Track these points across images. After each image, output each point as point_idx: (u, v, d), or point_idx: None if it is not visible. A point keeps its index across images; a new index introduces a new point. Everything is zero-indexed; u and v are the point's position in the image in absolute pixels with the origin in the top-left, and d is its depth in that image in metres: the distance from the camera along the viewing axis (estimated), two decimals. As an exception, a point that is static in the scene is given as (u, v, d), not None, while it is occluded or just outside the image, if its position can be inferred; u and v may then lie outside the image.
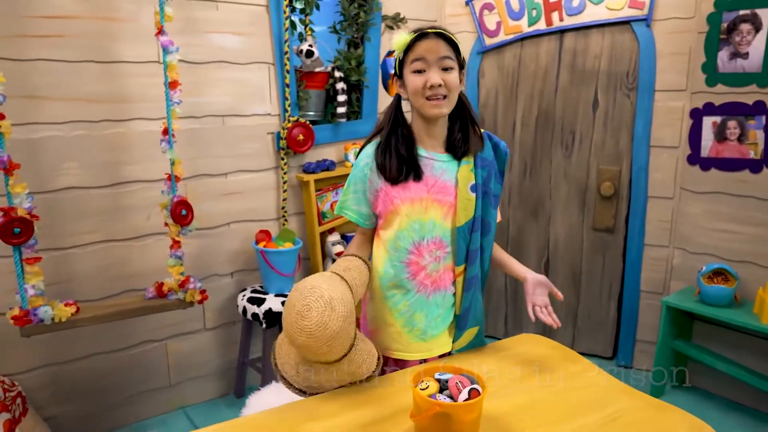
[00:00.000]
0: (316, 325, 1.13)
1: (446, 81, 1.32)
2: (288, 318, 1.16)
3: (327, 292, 1.17)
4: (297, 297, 1.17)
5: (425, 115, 1.37)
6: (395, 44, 1.35)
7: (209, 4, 2.30)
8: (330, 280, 1.23)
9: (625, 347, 2.89)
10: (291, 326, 1.15)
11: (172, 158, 2.01)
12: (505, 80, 2.97)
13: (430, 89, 1.31)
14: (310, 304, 1.15)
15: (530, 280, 1.48)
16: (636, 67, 2.65)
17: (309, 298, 1.16)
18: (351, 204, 1.45)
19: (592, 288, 2.96)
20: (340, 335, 1.17)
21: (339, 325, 1.15)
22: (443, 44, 1.32)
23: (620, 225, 2.83)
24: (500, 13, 2.85)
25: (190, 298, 2.07)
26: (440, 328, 1.48)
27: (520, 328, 3.19)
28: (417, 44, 1.32)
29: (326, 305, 1.15)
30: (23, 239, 1.78)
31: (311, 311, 1.14)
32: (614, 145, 2.77)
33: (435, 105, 1.34)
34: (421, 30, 1.33)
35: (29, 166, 2.01)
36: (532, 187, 3.01)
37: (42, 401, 2.18)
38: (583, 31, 2.74)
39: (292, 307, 1.17)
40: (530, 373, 1.39)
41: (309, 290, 1.17)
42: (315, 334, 1.14)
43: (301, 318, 1.14)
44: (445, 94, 1.33)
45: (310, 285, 1.19)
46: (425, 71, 1.32)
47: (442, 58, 1.32)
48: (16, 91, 1.96)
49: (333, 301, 1.16)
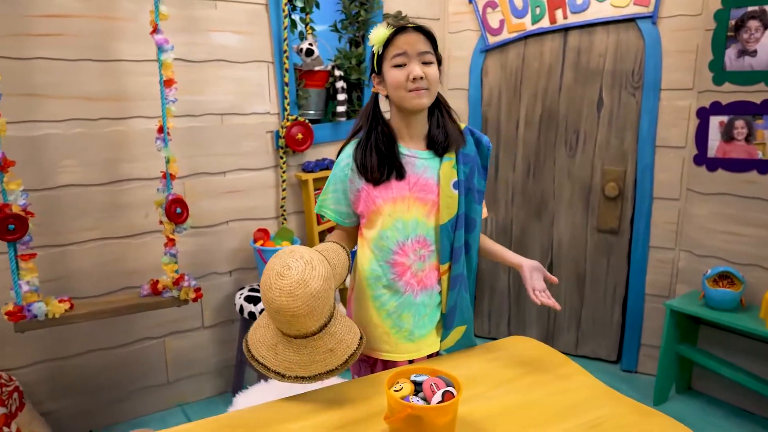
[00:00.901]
0: (297, 283, 1.10)
1: (427, 74, 1.31)
2: (266, 281, 1.12)
3: (307, 253, 1.16)
4: (276, 260, 1.15)
5: (407, 107, 1.35)
6: (374, 39, 1.33)
7: (208, 3, 2.30)
8: (308, 249, 1.21)
9: (629, 351, 2.84)
10: (269, 288, 1.11)
11: (167, 156, 2.02)
12: (508, 79, 2.93)
13: (412, 82, 1.30)
14: (290, 263, 1.12)
15: (526, 267, 1.49)
16: (641, 66, 2.60)
17: (288, 259, 1.13)
18: (330, 203, 1.44)
19: (596, 290, 2.91)
20: (321, 295, 1.13)
21: (320, 284, 1.13)
22: (422, 38, 1.32)
23: (625, 226, 2.77)
24: (503, 10, 2.81)
25: (184, 295, 2.07)
26: (428, 327, 1.46)
27: (524, 329, 3.15)
28: (397, 38, 1.31)
29: (306, 264, 1.13)
30: (18, 236, 1.79)
31: (291, 270, 1.11)
32: (619, 144, 2.72)
33: (416, 96, 1.32)
34: (398, 25, 1.32)
35: (29, 164, 2.04)
36: (535, 187, 2.97)
37: (40, 396, 2.20)
38: (588, 29, 2.69)
39: (270, 270, 1.13)
40: (516, 376, 1.36)
41: (288, 253, 1.16)
42: (295, 292, 1.10)
43: (281, 278, 1.11)
44: (427, 87, 1.32)
45: (289, 249, 1.17)
46: (406, 65, 1.31)
47: (422, 52, 1.31)
48: (17, 89, 1.98)
49: (313, 261, 1.14)
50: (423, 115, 1.40)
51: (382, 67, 1.35)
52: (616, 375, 2.84)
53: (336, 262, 1.29)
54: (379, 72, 1.37)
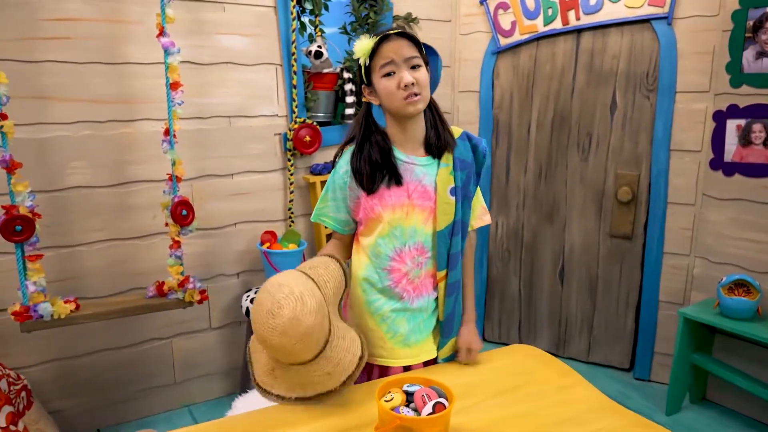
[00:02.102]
0: (289, 321, 1.10)
1: (417, 79, 1.30)
2: (258, 319, 1.13)
3: (296, 287, 1.14)
4: (266, 297, 1.14)
5: (404, 114, 1.34)
6: (358, 51, 1.32)
7: (216, 6, 2.31)
8: (297, 277, 1.20)
9: (643, 359, 2.78)
10: (262, 327, 1.12)
11: (173, 158, 2.02)
12: (520, 81, 2.89)
13: (404, 89, 1.29)
14: (281, 301, 1.12)
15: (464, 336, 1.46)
16: (656, 68, 2.54)
17: (278, 295, 1.13)
18: (330, 211, 1.43)
19: (608, 297, 2.85)
20: (314, 330, 1.14)
21: (312, 320, 1.13)
22: (407, 44, 1.30)
23: (639, 232, 2.71)
24: (515, 12, 2.78)
25: (189, 297, 2.08)
26: (424, 333, 1.44)
27: (534, 335, 3.11)
28: (381, 47, 1.30)
29: (297, 300, 1.12)
30: (24, 237, 1.81)
31: (282, 308, 1.11)
32: (633, 148, 2.67)
33: (411, 102, 1.31)
34: (381, 33, 1.31)
35: (38, 165, 2.07)
36: (547, 191, 2.92)
37: (49, 395, 2.23)
38: (601, 30, 2.64)
39: (261, 307, 1.14)
40: (515, 386, 1.34)
41: (277, 287, 1.14)
42: (288, 331, 1.11)
43: (272, 317, 1.11)
44: (419, 92, 1.31)
45: (277, 282, 1.16)
46: (395, 73, 1.29)
47: (409, 57, 1.29)
48: (26, 92, 2.02)
49: (303, 296, 1.13)
50: (419, 120, 1.39)
51: (371, 78, 1.34)
52: (629, 383, 2.78)
53: (327, 278, 1.27)
54: (368, 83, 1.35)
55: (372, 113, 1.40)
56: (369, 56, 1.32)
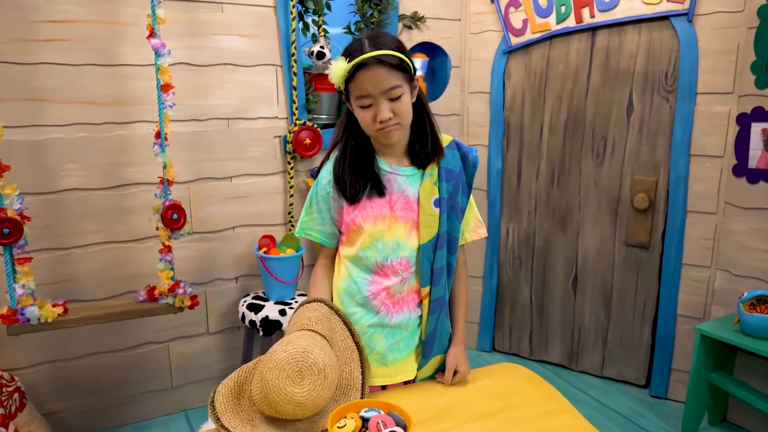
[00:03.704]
0: (309, 394, 1.05)
1: (396, 111, 1.20)
2: (275, 384, 1.04)
3: (321, 358, 1.07)
4: (287, 360, 1.06)
5: (380, 142, 1.28)
6: (332, 76, 1.21)
7: (214, 6, 2.27)
8: (317, 342, 1.12)
9: (659, 376, 2.63)
10: (279, 393, 1.04)
11: (164, 162, 1.99)
12: (532, 82, 2.77)
13: (380, 123, 1.20)
14: (303, 370, 1.05)
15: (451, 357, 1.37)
16: (675, 68, 2.39)
17: (301, 363, 1.06)
18: (316, 225, 1.37)
19: (624, 308, 2.71)
20: (328, 403, 1.11)
21: (330, 394, 1.09)
22: (386, 72, 1.17)
23: (656, 241, 2.56)
24: (527, 10, 2.66)
25: (179, 303, 2.05)
26: (403, 353, 1.36)
27: (546, 346, 2.98)
28: (358, 76, 1.18)
29: (320, 373, 1.06)
30: (12, 240, 1.80)
31: (305, 378, 1.05)
32: (650, 153, 2.52)
33: (387, 133, 1.23)
34: (359, 56, 1.17)
35: (33, 168, 2.07)
36: (559, 196, 2.80)
37: (44, 397, 2.23)
38: (617, 28, 2.50)
39: (281, 371, 1.05)
40: (494, 410, 1.24)
41: (301, 354, 1.06)
42: (306, 403, 1.05)
43: (292, 385, 1.04)
44: (397, 123, 1.22)
45: (301, 348, 1.07)
46: (372, 105, 1.20)
47: (388, 89, 1.18)
48: (21, 94, 2.02)
49: (326, 369, 1.07)
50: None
51: (349, 98, 1.24)
52: (644, 401, 2.63)
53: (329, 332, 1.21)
54: (347, 99, 1.26)
55: (354, 118, 1.32)
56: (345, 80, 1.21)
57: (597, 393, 2.71)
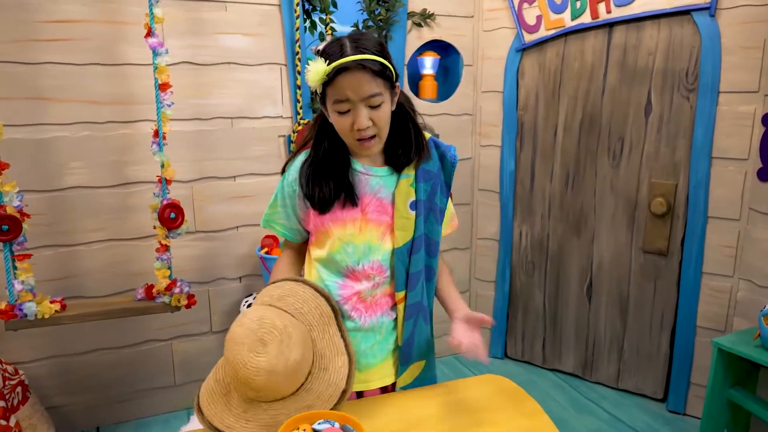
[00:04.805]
0: (276, 359, 1.00)
1: (375, 119, 1.14)
2: (238, 359, 1.00)
3: (278, 320, 1.04)
4: (244, 333, 1.02)
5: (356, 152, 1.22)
6: (310, 78, 1.14)
7: (218, 5, 2.27)
8: (271, 309, 1.08)
9: (677, 390, 2.49)
10: (244, 367, 1.00)
11: (162, 161, 1.99)
12: (546, 80, 2.67)
13: (357, 132, 1.14)
14: (264, 336, 1.01)
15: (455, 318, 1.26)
16: (697, 65, 2.26)
17: (260, 331, 1.02)
18: (280, 218, 1.32)
19: (640, 318, 2.58)
20: (301, 364, 1.05)
21: (300, 353, 1.04)
22: (367, 78, 1.10)
23: (675, 248, 2.43)
24: (540, 6, 2.56)
25: (175, 302, 2.04)
26: (378, 357, 1.31)
27: (560, 354, 2.87)
28: (337, 80, 1.10)
29: (282, 334, 1.02)
30: (11, 236, 1.83)
31: (267, 344, 1.01)
32: (669, 155, 2.39)
33: (364, 146, 1.18)
34: (340, 58, 1.10)
35: (37, 166, 2.11)
36: (574, 199, 2.69)
37: (48, 391, 2.27)
38: (635, 24, 2.38)
39: (240, 346, 1.01)
40: (467, 426, 1.18)
41: (257, 322, 1.03)
42: (276, 368, 1.01)
43: (256, 355, 1.00)
44: (375, 133, 1.16)
45: (256, 317, 1.04)
46: (350, 110, 1.13)
47: (368, 96, 1.11)
48: (26, 93, 2.05)
49: (287, 328, 1.03)
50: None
51: (326, 102, 1.17)
52: (661, 416, 2.50)
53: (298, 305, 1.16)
54: (323, 102, 1.19)
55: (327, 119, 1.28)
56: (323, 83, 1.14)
57: (611, 405, 2.59)
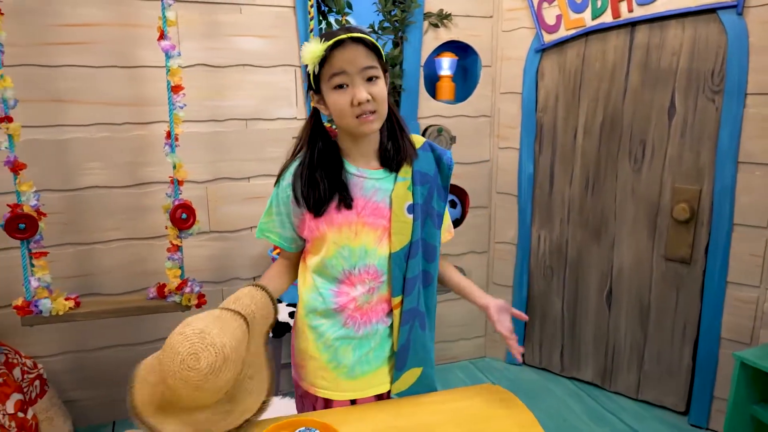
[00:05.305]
0: (205, 378, 0.99)
1: (374, 94, 1.13)
2: (170, 367, 0.99)
3: (218, 338, 1.02)
4: (182, 343, 1.01)
5: (356, 134, 1.20)
6: (306, 56, 1.14)
7: (233, 8, 2.29)
8: (219, 321, 1.07)
9: (700, 403, 2.40)
10: (173, 376, 0.99)
11: (174, 162, 2.02)
12: (566, 81, 2.61)
13: (357, 106, 1.13)
14: (199, 352, 0.99)
15: (493, 308, 1.28)
16: (723, 66, 2.17)
17: (198, 345, 1.00)
18: (274, 227, 1.31)
19: (662, 327, 2.49)
20: (229, 383, 1.04)
21: (231, 375, 1.03)
22: (364, 51, 1.12)
23: (698, 256, 2.34)
24: (560, 5, 2.50)
25: (185, 301, 2.07)
26: (372, 365, 1.29)
27: (578, 363, 2.80)
28: (333, 55, 1.11)
29: (218, 354, 1.00)
30: (28, 235, 1.88)
31: (200, 361, 0.99)
32: (693, 159, 2.30)
33: (365, 122, 1.15)
34: (335, 37, 1.12)
35: (56, 166, 2.16)
36: (594, 204, 2.62)
37: (66, 385, 2.33)
38: (658, 23, 2.30)
39: (175, 354, 1.00)
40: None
41: (197, 335, 1.01)
42: (203, 386, 1.00)
43: (188, 369, 0.99)
44: (375, 109, 1.15)
45: (198, 329, 1.02)
46: (348, 86, 1.13)
47: (365, 68, 1.12)
48: (46, 95, 2.11)
49: (225, 349, 1.01)
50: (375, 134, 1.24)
51: (320, 86, 1.17)
52: (682, 429, 2.41)
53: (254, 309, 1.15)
54: (317, 90, 1.20)
55: (321, 120, 1.27)
56: (319, 63, 1.15)
57: (630, 417, 2.51)
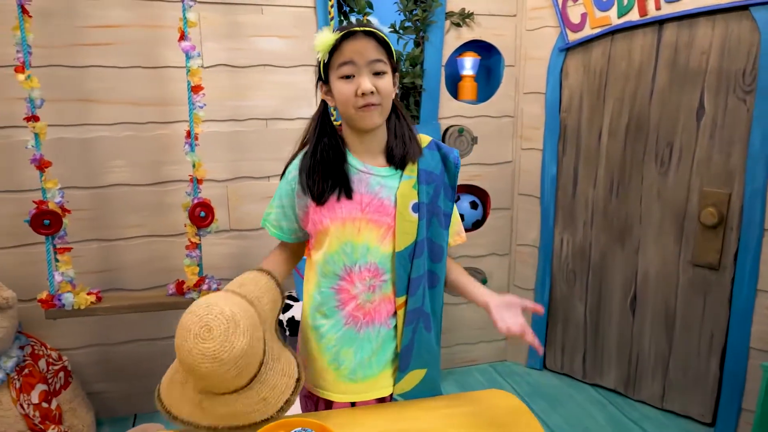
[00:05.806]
0: (221, 345, 0.99)
1: (379, 87, 1.15)
2: (184, 345, 1.01)
3: (227, 307, 1.03)
4: (191, 319, 1.03)
5: (357, 126, 1.20)
6: (318, 45, 1.18)
7: (254, 8, 2.31)
8: (226, 297, 1.09)
9: (727, 414, 2.31)
10: (189, 354, 1.00)
11: (194, 161, 2.05)
12: (591, 81, 2.55)
13: (361, 97, 1.14)
14: (210, 323, 1.01)
15: (493, 306, 1.21)
16: (755, 65, 2.08)
17: (207, 317, 1.01)
18: (273, 218, 1.33)
19: (688, 336, 2.41)
20: (248, 353, 1.03)
21: (246, 341, 1.02)
22: (373, 45, 1.15)
23: (727, 262, 2.26)
24: (586, 3, 2.44)
25: (203, 298, 2.10)
26: (375, 368, 1.29)
27: (601, 369, 2.74)
28: (344, 45, 1.15)
29: (228, 321, 1.01)
30: (52, 231, 1.94)
31: (212, 331, 1.00)
32: (723, 162, 2.22)
33: (367, 114, 1.16)
34: (347, 28, 1.15)
35: (82, 163, 2.23)
36: (619, 207, 2.55)
37: (90, 377, 2.39)
38: (687, 21, 2.22)
39: (187, 332, 1.01)
40: (463, 442, 1.14)
41: (205, 309, 1.03)
42: (220, 356, 1.00)
43: (202, 341, 1.00)
44: (379, 102, 1.16)
45: (205, 303, 1.05)
46: (354, 77, 1.15)
47: (372, 61, 1.14)
48: (73, 95, 2.17)
49: (235, 316, 1.02)
50: (381, 129, 1.24)
51: (329, 76, 1.20)
52: (708, 441, 2.33)
53: (259, 294, 1.16)
54: (326, 81, 1.22)
55: (329, 113, 1.28)
56: (329, 52, 1.18)
57: (654, 427, 2.44)
